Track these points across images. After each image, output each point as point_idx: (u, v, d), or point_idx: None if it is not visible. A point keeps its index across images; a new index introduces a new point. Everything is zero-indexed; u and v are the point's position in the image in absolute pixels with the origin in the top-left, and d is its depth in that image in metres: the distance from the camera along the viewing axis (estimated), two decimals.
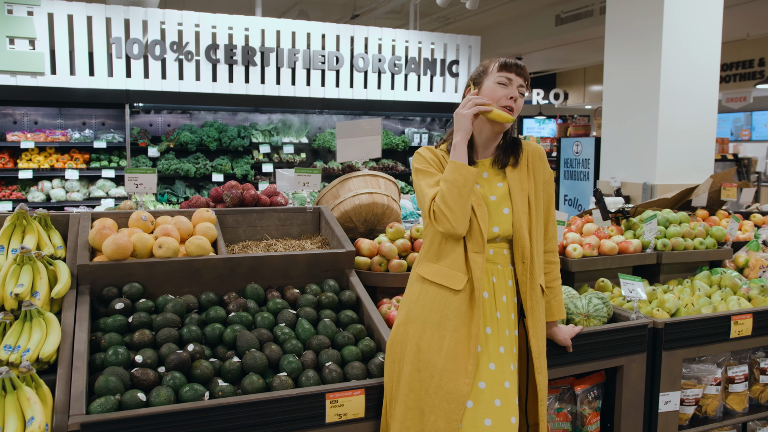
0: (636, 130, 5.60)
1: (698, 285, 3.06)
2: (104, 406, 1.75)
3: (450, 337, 1.87)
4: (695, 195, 4.10)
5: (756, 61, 11.53)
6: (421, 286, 1.98)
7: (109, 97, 6.63)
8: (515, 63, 1.99)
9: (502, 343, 1.93)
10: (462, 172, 1.89)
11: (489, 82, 2.00)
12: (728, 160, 8.09)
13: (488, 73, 2.02)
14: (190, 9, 7.23)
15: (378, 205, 3.15)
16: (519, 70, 1.99)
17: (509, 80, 1.97)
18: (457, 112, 1.97)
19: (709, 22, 5.46)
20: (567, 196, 7.43)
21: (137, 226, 2.57)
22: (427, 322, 1.91)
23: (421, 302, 1.94)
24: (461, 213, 1.88)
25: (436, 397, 1.84)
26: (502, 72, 1.98)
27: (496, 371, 1.89)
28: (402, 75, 8.04)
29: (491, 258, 1.97)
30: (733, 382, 2.80)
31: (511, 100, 1.97)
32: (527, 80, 2.02)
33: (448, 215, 1.88)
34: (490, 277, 1.95)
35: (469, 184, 1.88)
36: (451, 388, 1.83)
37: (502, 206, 1.99)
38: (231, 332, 2.16)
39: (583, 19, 9.82)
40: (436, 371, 1.86)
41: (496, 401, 1.86)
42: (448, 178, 1.90)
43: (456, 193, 1.88)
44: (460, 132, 1.95)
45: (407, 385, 1.89)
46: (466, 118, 1.94)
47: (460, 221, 1.88)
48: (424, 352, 1.89)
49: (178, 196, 7.10)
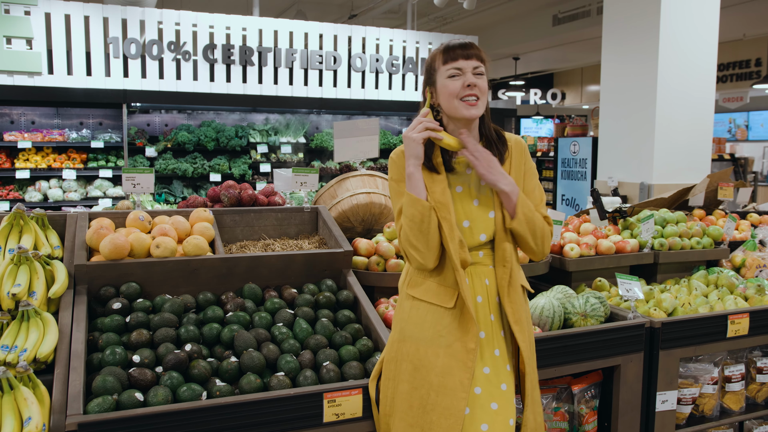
0: (633, 129, 5.61)
1: (695, 284, 3.06)
2: (102, 406, 1.75)
3: (444, 353, 1.83)
4: (692, 195, 4.11)
5: (753, 61, 11.56)
6: (411, 303, 1.91)
7: (106, 96, 6.63)
8: (459, 46, 1.82)
9: (497, 346, 1.90)
10: (418, 207, 1.78)
11: (440, 79, 1.84)
12: (725, 160, 8.11)
13: (437, 70, 1.85)
14: (188, 9, 7.23)
15: (375, 205, 3.15)
16: (466, 52, 1.81)
17: (460, 69, 1.80)
18: (407, 135, 1.81)
19: (706, 23, 5.47)
20: (564, 195, 7.44)
21: (135, 226, 2.57)
22: (421, 339, 1.86)
23: (413, 320, 1.89)
24: (426, 249, 1.80)
25: (433, 414, 1.81)
26: (447, 65, 1.82)
27: (491, 374, 1.86)
28: (399, 75, 8.04)
29: (482, 260, 1.90)
30: (730, 381, 2.81)
31: (470, 88, 1.80)
32: (481, 58, 1.82)
33: (414, 254, 1.82)
34: (482, 279, 1.89)
35: (427, 220, 1.78)
36: (448, 404, 1.80)
37: (486, 210, 1.89)
38: (228, 332, 2.16)
39: (581, 19, 9.84)
40: (432, 388, 1.82)
41: (492, 405, 1.83)
42: (407, 214, 1.80)
43: (416, 229, 1.79)
44: (412, 159, 1.81)
45: (405, 402, 1.86)
46: (417, 143, 1.80)
47: (427, 257, 1.81)
48: (419, 370, 1.85)
49: (176, 195, 7.09)
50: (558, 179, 7.53)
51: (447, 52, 1.83)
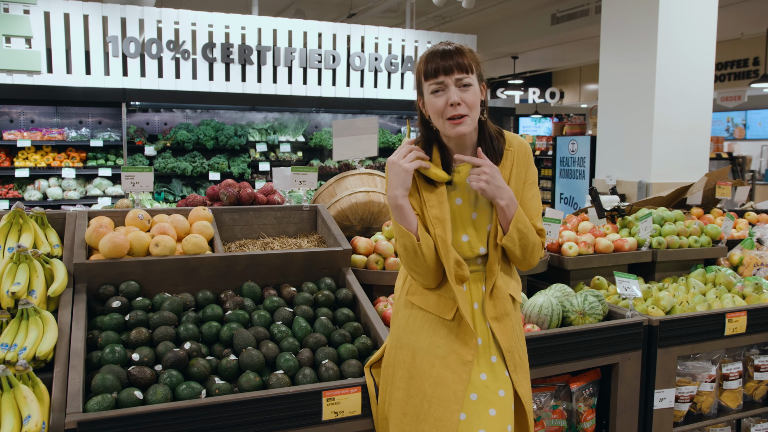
0: (631, 128, 5.62)
1: (693, 283, 3.07)
2: (101, 404, 1.76)
3: (439, 364, 1.81)
4: (690, 193, 4.12)
5: (750, 60, 11.56)
6: (409, 311, 1.89)
7: (105, 95, 6.62)
8: (440, 55, 1.70)
9: (493, 353, 1.87)
10: (410, 239, 1.75)
11: (426, 94, 1.76)
12: (723, 159, 8.12)
13: (421, 83, 1.78)
14: (187, 8, 7.23)
15: (374, 204, 3.16)
16: (446, 64, 1.69)
17: (441, 84, 1.71)
18: (394, 162, 1.74)
19: (704, 22, 5.48)
20: (563, 194, 7.45)
21: (134, 225, 2.57)
22: (417, 348, 1.85)
23: (410, 328, 1.88)
24: (424, 272, 1.79)
25: (426, 424, 1.79)
26: (428, 81, 1.73)
27: (488, 381, 1.84)
28: (398, 74, 8.04)
29: (480, 268, 1.89)
30: (728, 379, 2.81)
31: (454, 107, 1.71)
32: (465, 67, 1.70)
33: (415, 276, 1.83)
34: (479, 286, 1.88)
35: (419, 250, 1.75)
36: (441, 415, 1.78)
37: (484, 223, 1.86)
38: (228, 330, 2.17)
39: (579, 18, 9.84)
40: (425, 398, 1.81)
41: (491, 411, 1.81)
42: (400, 243, 1.78)
43: (412, 257, 1.77)
44: (400, 189, 1.73)
45: (400, 409, 1.85)
46: (407, 174, 1.72)
47: (427, 278, 1.81)
48: (414, 378, 1.84)
49: (175, 194, 7.09)
50: (556, 178, 7.55)
51: (428, 63, 1.73)
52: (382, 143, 8.19)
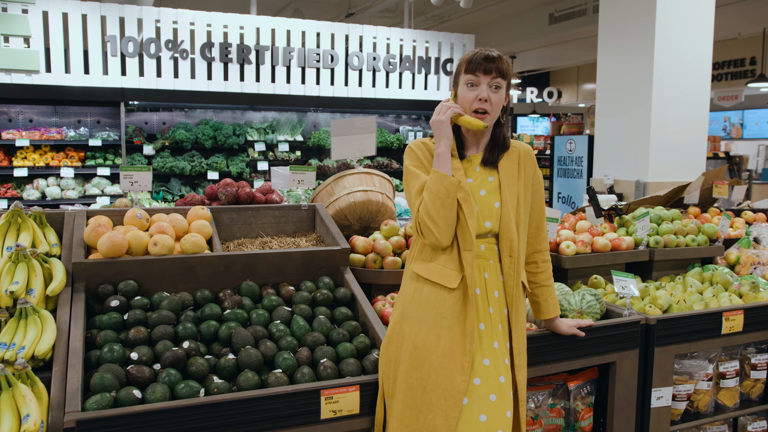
0: (629, 128, 5.63)
1: (690, 282, 3.08)
2: (100, 403, 1.76)
3: (446, 335, 1.87)
4: (687, 192, 4.13)
5: (747, 59, 11.58)
6: (415, 284, 1.96)
7: (104, 95, 6.63)
8: (483, 58, 1.91)
9: (495, 339, 1.93)
10: (444, 183, 1.87)
11: (461, 85, 1.96)
12: (720, 158, 8.14)
13: (459, 74, 1.97)
14: (185, 7, 7.23)
15: (373, 203, 3.17)
16: (487, 66, 1.90)
17: (477, 80, 1.92)
18: (434, 120, 1.93)
19: (701, 21, 5.49)
20: (560, 193, 7.47)
21: (132, 224, 2.57)
22: (423, 320, 1.90)
23: (416, 301, 1.93)
24: (445, 225, 1.87)
25: (433, 394, 1.84)
26: (467, 74, 1.93)
27: (490, 366, 1.89)
28: (396, 73, 8.05)
29: (482, 254, 1.96)
30: (725, 377, 2.82)
31: (481, 102, 1.91)
32: (502, 72, 1.92)
33: (432, 228, 1.87)
34: (482, 272, 1.95)
35: (452, 196, 1.86)
36: (448, 385, 1.84)
37: (492, 200, 1.96)
38: (226, 329, 2.17)
39: (577, 17, 9.85)
40: (432, 369, 1.86)
41: (491, 396, 1.86)
42: (431, 189, 1.88)
43: (439, 204, 1.86)
44: (443, 140, 1.92)
45: (405, 383, 1.89)
46: (445, 125, 1.91)
47: (444, 233, 1.88)
48: (420, 350, 1.88)
49: (174, 193, 7.09)
50: (554, 177, 7.56)
51: (470, 62, 1.92)
52: (380, 142, 8.19)
